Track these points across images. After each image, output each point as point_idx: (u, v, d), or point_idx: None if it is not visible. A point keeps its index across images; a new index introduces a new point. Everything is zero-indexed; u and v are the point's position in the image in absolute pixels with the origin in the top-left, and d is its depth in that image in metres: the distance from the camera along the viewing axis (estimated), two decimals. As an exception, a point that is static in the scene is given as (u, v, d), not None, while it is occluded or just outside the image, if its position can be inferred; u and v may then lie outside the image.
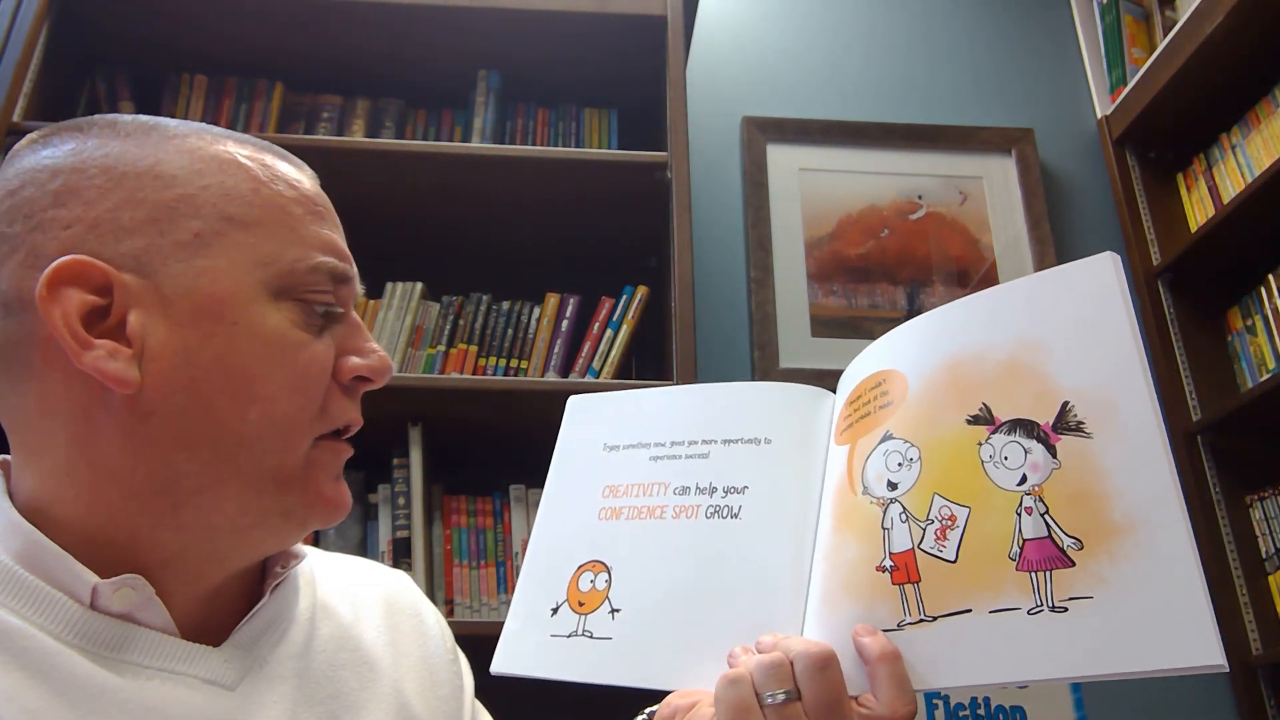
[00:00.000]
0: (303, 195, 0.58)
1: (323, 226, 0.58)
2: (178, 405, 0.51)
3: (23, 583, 0.50)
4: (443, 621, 0.73)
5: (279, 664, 0.57)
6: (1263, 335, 1.87)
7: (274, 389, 0.53)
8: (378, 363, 0.58)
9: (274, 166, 0.58)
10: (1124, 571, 0.49)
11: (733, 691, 0.54)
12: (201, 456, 0.52)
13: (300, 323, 0.55)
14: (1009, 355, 0.58)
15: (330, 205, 0.61)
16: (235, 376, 0.52)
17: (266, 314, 0.54)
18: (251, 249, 0.54)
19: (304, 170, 0.61)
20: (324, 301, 0.56)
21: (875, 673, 0.53)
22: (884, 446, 0.60)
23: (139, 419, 0.51)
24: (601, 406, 0.79)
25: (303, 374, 0.55)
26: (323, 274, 0.56)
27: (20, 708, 0.46)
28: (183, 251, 0.53)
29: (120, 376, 0.50)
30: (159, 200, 0.53)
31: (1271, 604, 1.76)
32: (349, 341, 0.58)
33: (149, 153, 0.55)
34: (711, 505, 0.67)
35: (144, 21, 1.73)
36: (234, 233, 0.54)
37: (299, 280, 0.55)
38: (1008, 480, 0.54)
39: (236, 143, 0.58)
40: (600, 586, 0.67)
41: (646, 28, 1.72)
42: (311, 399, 0.55)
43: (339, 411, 0.57)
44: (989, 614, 0.52)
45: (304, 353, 0.55)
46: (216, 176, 0.55)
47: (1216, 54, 1.85)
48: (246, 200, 0.55)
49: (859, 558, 0.58)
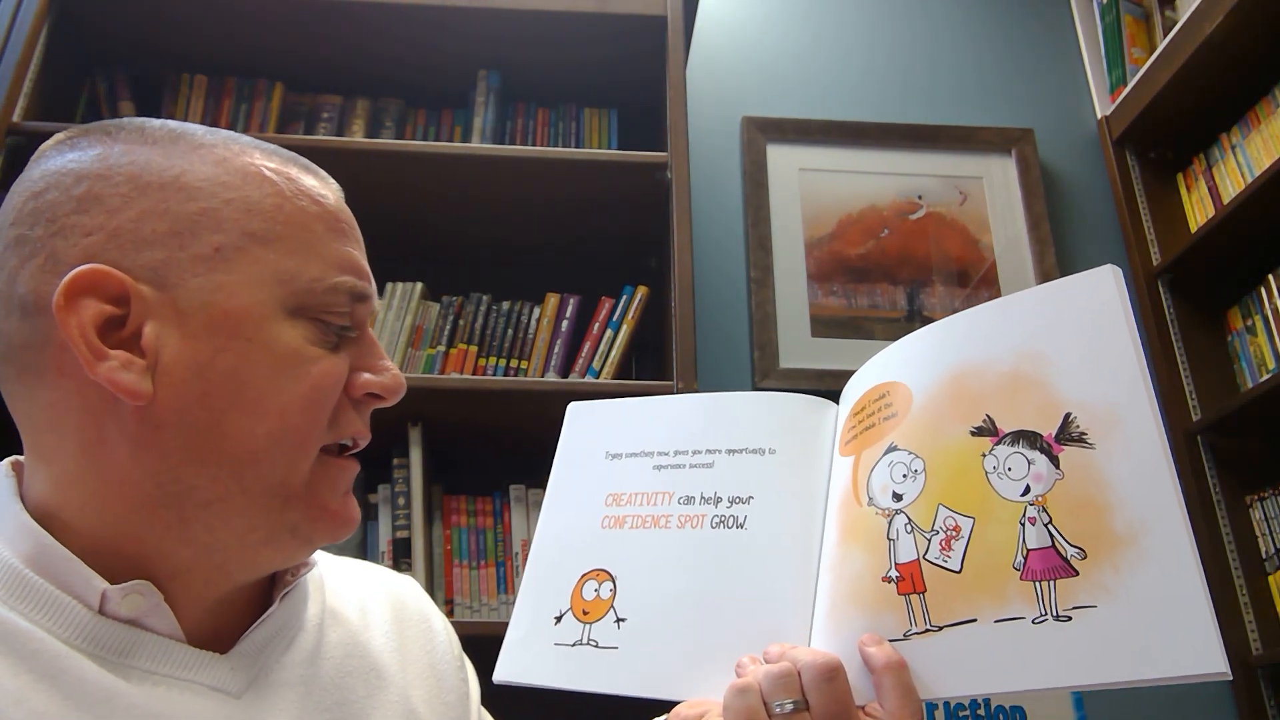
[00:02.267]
0: (326, 211, 0.58)
1: (344, 244, 0.58)
2: (188, 419, 0.51)
3: (33, 586, 0.50)
4: (450, 628, 0.73)
5: (286, 671, 0.57)
6: (1263, 335, 1.87)
7: (285, 404, 0.53)
8: (390, 381, 0.59)
9: (299, 180, 0.58)
10: (1127, 581, 0.49)
11: (741, 701, 0.54)
12: (210, 471, 0.52)
13: (315, 339, 0.55)
14: (1012, 367, 0.58)
15: (353, 221, 0.61)
16: (246, 392, 0.52)
17: (281, 330, 0.54)
18: (271, 265, 0.54)
19: (329, 185, 0.61)
20: (340, 323, 0.56)
21: (881, 682, 0.53)
22: (889, 458, 0.61)
23: (149, 431, 0.51)
24: (602, 413, 0.78)
25: (314, 389, 0.55)
26: (341, 294, 0.56)
27: (29, 710, 0.46)
28: (201, 266, 0.53)
29: (133, 388, 0.50)
30: (181, 213, 0.53)
31: (1271, 604, 1.76)
32: (364, 359, 0.58)
33: (174, 163, 0.55)
34: (717, 515, 0.67)
35: (144, 22, 1.73)
36: (254, 249, 0.54)
37: (317, 299, 0.55)
38: (1011, 491, 0.55)
39: (263, 154, 0.58)
40: (605, 596, 0.67)
41: (646, 28, 1.72)
42: (322, 415, 0.55)
43: (346, 425, 0.57)
44: (994, 623, 0.52)
45: (316, 368, 0.55)
46: (240, 190, 0.55)
47: (1216, 54, 1.85)
48: (269, 216, 0.55)
49: (865, 569, 0.58)
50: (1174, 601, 0.48)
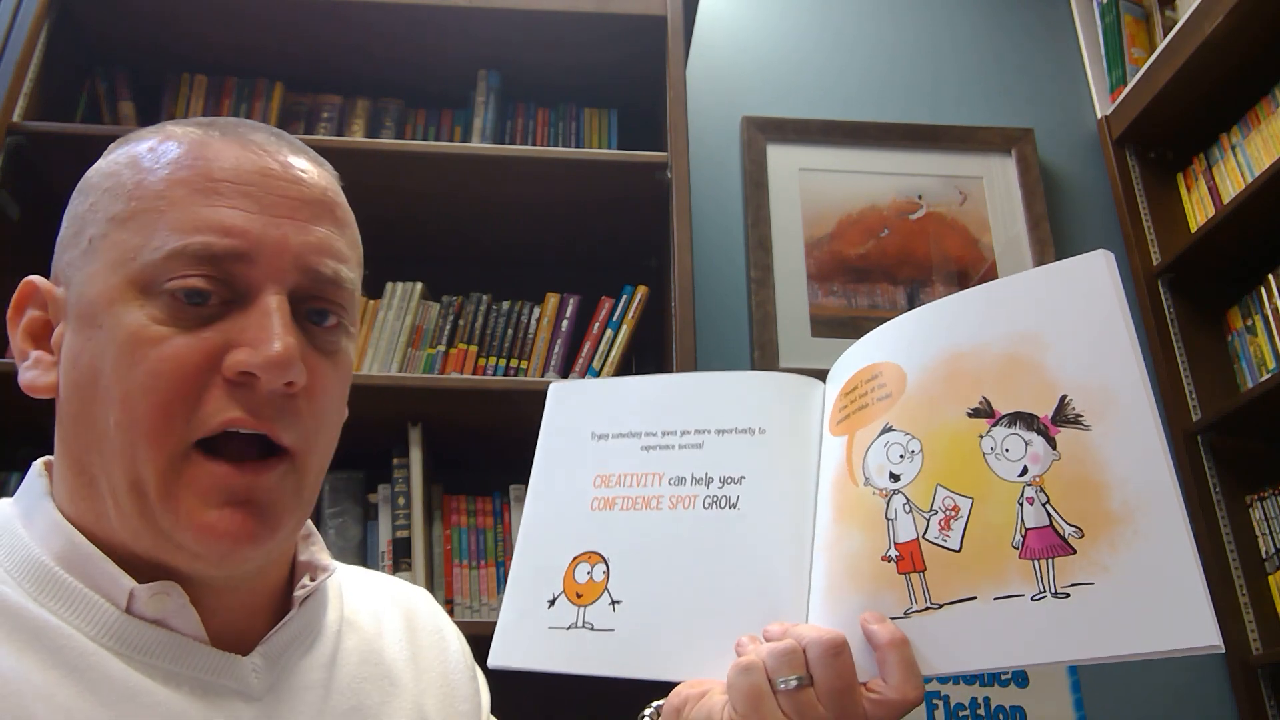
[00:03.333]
0: (195, 174, 0.52)
1: (210, 203, 0.51)
2: (70, 411, 0.53)
3: (63, 584, 0.51)
4: (462, 639, 0.74)
5: (305, 675, 0.58)
6: (1263, 335, 1.87)
7: (127, 391, 0.50)
8: (269, 356, 0.49)
9: (180, 149, 0.54)
10: (1123, 558, 0.51)
11: (746, 678, 0.55)
12: (97, 463, 0.52)
13: (165, 318, 0.50)
14: (1007, 349, 0.59)
15: (255, 180, 0.53)
16: (100, 380, 0.51)
17: (129, 312, 0.50)
18: (122, 246, 0.52)
19: (246, 144, 0.55)
20: (192, 287, 0.50)
21: (885, 658, 0.54)
22: (884, 438, 0.61)
23: (61, 424, 0.54)
24: (586, 394, 0.78)
25: (151, 374, 0.49)
26: (185, 259, 0.50)
27: (55, 705, 0.47)
28: (82, 260, 0.54)
29: (29, 383, 0.55)
30: (78, 212, 0.56)
31: (1271, 604, 1.76)
32: (245, 333, 0.50)
33: (97, 164, 0.57)
34: (709, 496, 0.67)
35: (144, 22, 1.73)
36: (114, 233, 0.53)
37: (158, 270, 0.50)
38: (1009, 471, 0.56)
39: (181, 129, 0.56)
40: (598, 578, 0.67)
41: (646, 28, 1.72)
42: (167, 400, 0.49)
43: (212, 411, 0.50)
44: (994, 600, 0.53)
45: (155, 351, 0.49)
46: (116, 177, 0.55)
47: (1216, 54, 1.85)
48: (127, 195, 0.53)
49: (863, 548, 0.59)
50: (1168, 577, 0.49)
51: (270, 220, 0.52)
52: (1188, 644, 0.48)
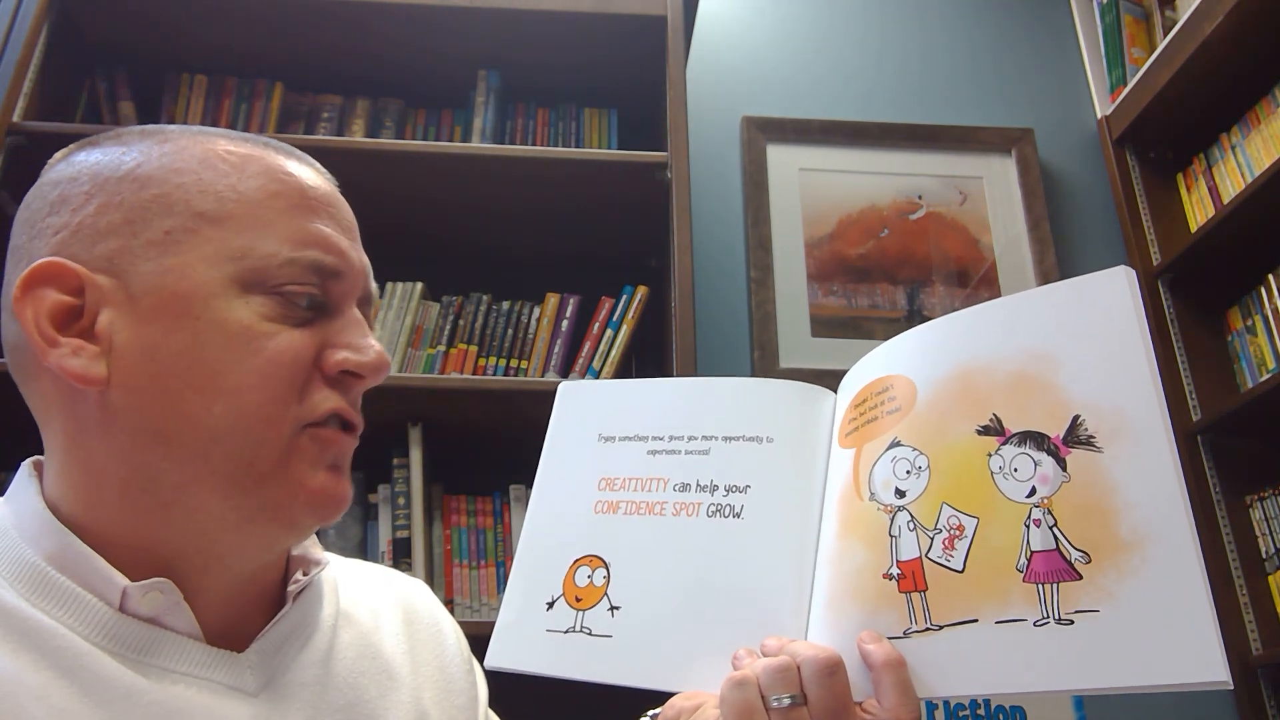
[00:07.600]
0: (290, 188, 0.57)
1: (311, 220, 0.56)
2: (143, 401, 0.52)
3: (55, 584, 0.51)
4: (459, 631, 0.73)
5: (301, 671, 0.58)
6: (1263, 335, 1.87)
7: (239, 381, 0.52)
8: (370, 358, 0.56)
9: (265, 160, 0.57)
10: (1130, 586, 0.49)
11: (738, 694, 0.54)
12: (175, 452, 0.52)
13: (273, 315, 0.54)
14: (1020, 367, 0.58)
15: (335, 201, 0.59)
16: (198, 370, 0.52)
17: (233, 307, 0.53)
18: (221, 244, 0.54)
19: (308, 166, 0.60)
20: (305, 293, 0.55)
21: (880, 679, 0.53)
22: (892, 453, 0.60)
23: (110, 416, 0.52)
24: (594, 395, 0.77)
25: (269, 363, 0.53)
26: (299, 267, 0.55)
27: (49, 706, 0.47)
28: (153, 250, 0.53)
29: (82, 373, 0.51)
30: (134, 202, 0.54)
31: (1271, 604, 1.76)
32: (342, 336, 0.56)
33: (133, 156, 0.56)
34: (713, 504, 0.66)
35: (144, 22, 1.73)
36: (204, 229, 0.54)
37: (273, 274, 0.54)
38: (1017, 492, 0.54)
39: (230, 140, 0.58)
40: (598, 583, 0.67)
41: (646, 28, 1.72)
42: (281, 389, 0.53)
43: (320, 402, 0.55)
44: (995, 624, 0.52)
45: (271, 343, 0.53)
46: (194, 174, 0.55)
47: (1216, 54, 1.85)
48: (220, 195, 0.55)
49: (865, 564, 0.58)
50: (1177, 609, 0.48)
51: (350, 243, 0.59)
52: (1194, 679, 0.46)
